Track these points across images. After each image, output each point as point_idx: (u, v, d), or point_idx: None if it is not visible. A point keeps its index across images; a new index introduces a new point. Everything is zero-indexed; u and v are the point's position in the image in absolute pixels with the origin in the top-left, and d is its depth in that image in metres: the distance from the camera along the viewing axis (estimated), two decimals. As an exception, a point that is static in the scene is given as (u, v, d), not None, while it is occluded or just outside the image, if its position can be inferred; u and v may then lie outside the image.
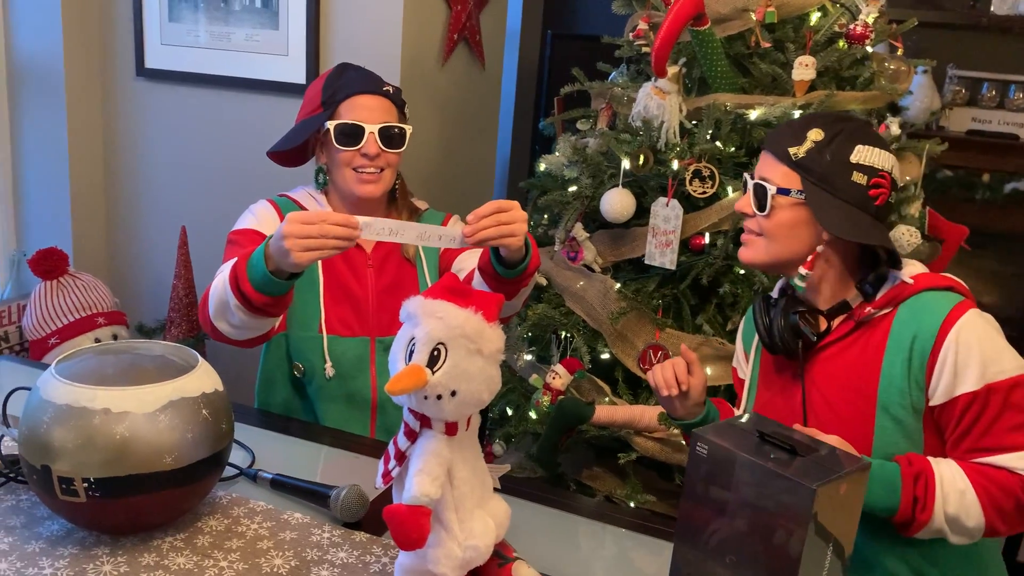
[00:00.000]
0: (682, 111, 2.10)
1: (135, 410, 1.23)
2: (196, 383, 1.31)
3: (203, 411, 1.29)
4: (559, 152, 2.37)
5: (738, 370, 1.69)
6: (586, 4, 4.26)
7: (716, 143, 2.06)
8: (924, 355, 1.35)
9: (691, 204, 2.09)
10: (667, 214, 2.08)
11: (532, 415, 2.23)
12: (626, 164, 2.10)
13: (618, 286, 2.16)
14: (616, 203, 2.12)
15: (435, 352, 1.10)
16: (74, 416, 1.21)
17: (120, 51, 2.89)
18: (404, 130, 1.82)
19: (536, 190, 2.43)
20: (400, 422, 1.19)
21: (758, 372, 1.60)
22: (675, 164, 2.06)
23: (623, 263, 2.24)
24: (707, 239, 2.09)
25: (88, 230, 3.02)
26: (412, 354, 1.12)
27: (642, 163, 2.08)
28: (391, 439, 1.21)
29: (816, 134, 1.42)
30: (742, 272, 2.06)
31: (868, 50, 2.20)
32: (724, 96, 2.11)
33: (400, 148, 1.82)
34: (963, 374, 1.33)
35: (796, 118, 1.51)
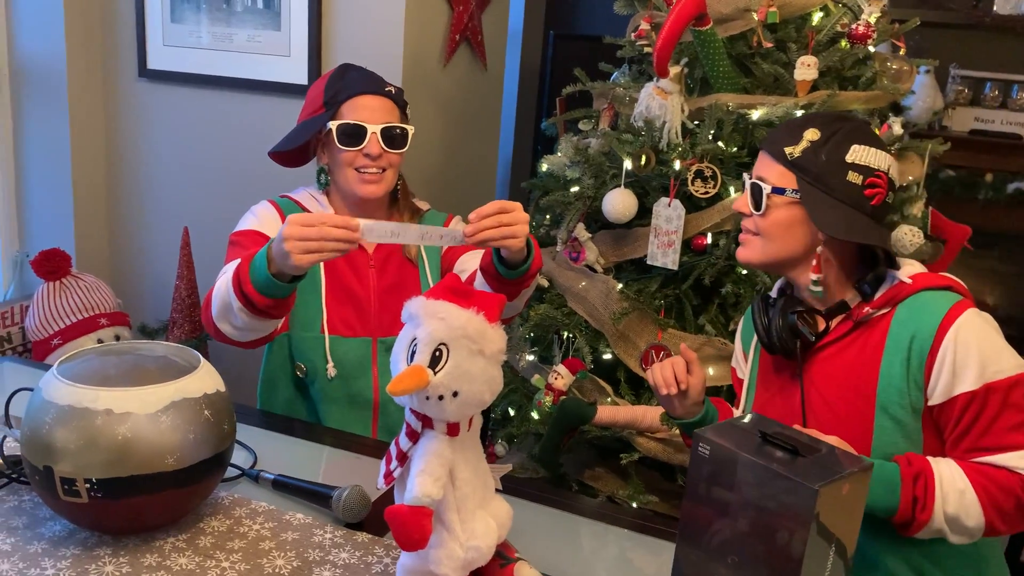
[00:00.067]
0: (684, 111, 2.10)
1: (137, 411, 1.23)
2: (198, 384, 1.31)
3: (205, 412, 1.29)
4: (561, 152, 2.37)
5: (737, 370, 1.69)
6: (588, 4, 4.26)
7: (718, 143, 2.06)
8: (923, 355, 1.35)
9: (693, 204, 2.09)
10: (669, 214, 2.08)
11: (534, 415, 2.23)
12: (628, 164, 2.10)
13: (620, 286, 2.16)
14: (618, 203, 2.12)
15: (437, 353, 1.10)
16: (76, 417, 1.22)
17: (122, 52, 2.89)
18: (406, 130, 1.82)
19: (538, 190, 2.43)
20: (402, 423, 1.19)
21: (757, 372, 1.60)
22: (677, 164, 2.06)
23: (625, 263, 2.24)
24: (709, 239, 2.10)
25: (90, 231, 3.02)
26: (414, 355, 1.12)
27: (644, 163, 2.08)
28: (393, 440, 1.21)
29: (812, 134, 1.41)
30: (744, 272, 2.06)
31: (870, 50, 2.20)
32: (726, 96, 2.10)
33: (402, 148, 1.82)
34: (962, 374, 1.33)
35: (794, 118, 1.51)
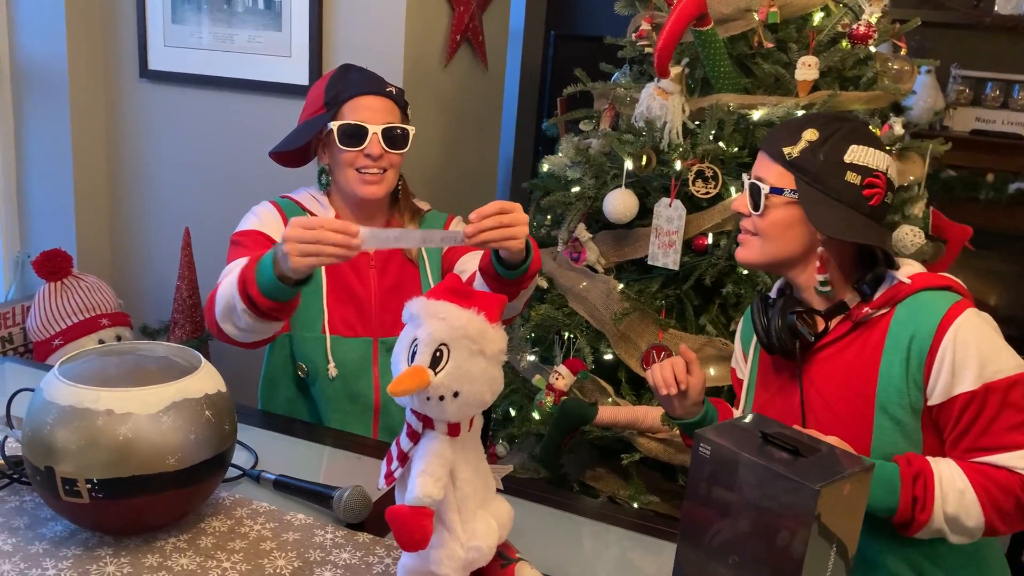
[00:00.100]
0: (685, 111, 2.10)
1: (138, 411, 1.23)
2: (199, 384, 1.31)
3: (206, 412, 1.29)
4: (562, 153, 2.37)
5: (737, 370, 1.69)
6: (589, 5, 4.26)
7: (719, 143, 2.06)
8: (922, 355, 1.35)
9: (694, 204, 2.09)
10: (670, 215, 2.08)
11: (535, 416, 2.23)
12: (629, 165, 2.10)
13: (621, 287, 2.16)
14: (619, 204, 2.12)
15: (437, 353, 1.10)
16: (77, 417, 1.22)
17: (123, 53, 2.89)
18: (407, 131, 1.82)
19: (539, 191, 2.43)
20: (403, 423, 1.19)
21: (756, 372, 1.60)
22: (678, 164, 2.06)
23: (626, 264, 2.24)
24: (710, 239, 2.10)
25: (92, 231, 3.02)
26: (415, 355, 1.12)
27: (645, 164, 2.08)
28: (394, 440, 1.21)
29: (811, 134, 1.41)
30: (745, 273, 2.06)
31: (871, 50, 2.20)
32: (727, 96, 2.10)
33: (403, 149, 1.82)
34: (961, 373, 1.33)
35: (793, 119, 1.51)
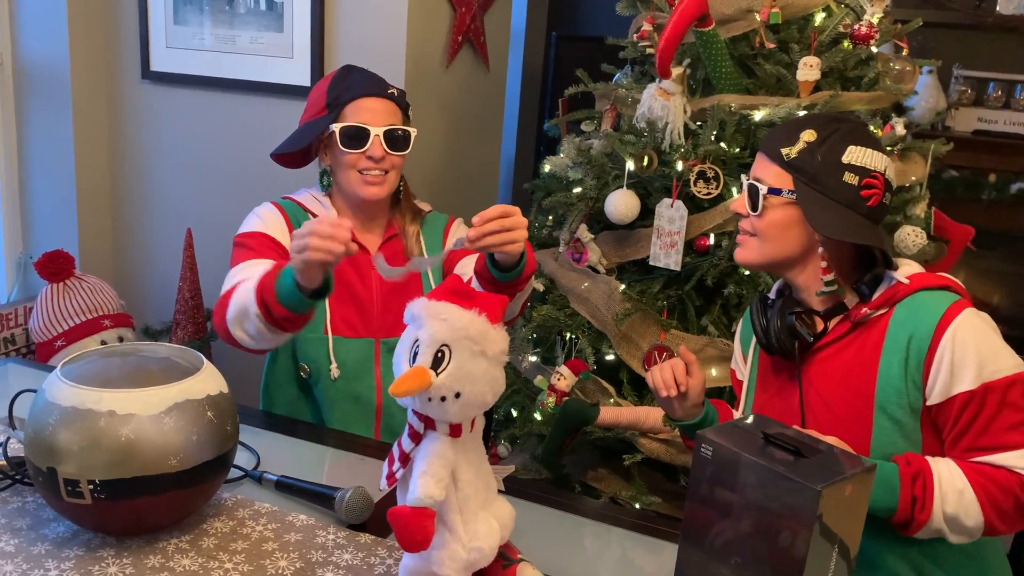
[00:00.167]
0: (686, 112, 2.10)
1: (140, 412, 1.23)
2: (201, 385, 1.31)
3: (208, 413, 1.29)
4: (563, 153, 2.37)
5: (736, 371, 1.69)
6: (590, 5, 4.26)
7: (720, 144, 2.06)
8: (921, 355, 1.35)
9: (695, 205, 2.09)
10: (671, 215, 2.07)
11: (537, 416, 2.23)
12: (630, 165, 2.10)
13: (623, 287, 2.16)
14: (620, 204, 2.12)
15: (439, 354, 1.10)
16: (80, 418, 1.22)
17: (125, 54, 2.90)
18: (408, 132, 1.82)
19: (540, 191, 2.43)
20: (404, 424, 1.19)
21: (756, 373, 1.60)
22: (679, 165, 2.06)
23: (628, 264, 2.24)
24: (712, 240, 2.09)
25: (94, 232, 3.02)
26: (416, 356, 1.12)
27: (646, 164, 2.07)
28: (395, 441, 1.21)
29: (809, 135, 1.42)
30: (747, 273, 2.06)
31: (873, 50, 2.19)
32: (728, 97, 2.10)
33: (405, 150, 1.82)
34: (960, 373, 1.33)
35: (792, 119, 1.51)
